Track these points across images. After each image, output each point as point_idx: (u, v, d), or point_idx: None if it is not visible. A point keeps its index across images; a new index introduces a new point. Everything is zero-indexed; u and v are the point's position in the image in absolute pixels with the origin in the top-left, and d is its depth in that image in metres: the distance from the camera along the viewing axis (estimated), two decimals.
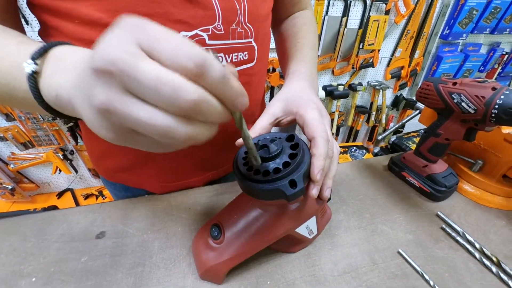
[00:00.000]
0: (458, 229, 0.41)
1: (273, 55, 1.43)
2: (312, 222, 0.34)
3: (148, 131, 0.17)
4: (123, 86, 0.16)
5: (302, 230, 0.34)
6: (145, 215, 0.45)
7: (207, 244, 0.34)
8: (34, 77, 0.22)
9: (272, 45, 0.62)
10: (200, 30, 0.34)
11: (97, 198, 1.68)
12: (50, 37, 0.35)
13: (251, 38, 0.39)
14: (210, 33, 0.34)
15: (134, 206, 0.46)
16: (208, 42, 0.35)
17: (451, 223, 0.42)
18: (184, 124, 0.17)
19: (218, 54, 0.37)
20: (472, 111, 0.38)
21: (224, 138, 0.47)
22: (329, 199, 0.41)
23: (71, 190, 1.72)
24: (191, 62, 0.15)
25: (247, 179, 0.27)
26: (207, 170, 0.51)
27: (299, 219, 0.33)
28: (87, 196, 1.69)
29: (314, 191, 0.28)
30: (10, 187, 1.52)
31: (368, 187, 0.51)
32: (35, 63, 0.22)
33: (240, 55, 0.39)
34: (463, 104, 0.39)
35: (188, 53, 0.15)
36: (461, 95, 0.39)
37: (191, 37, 0.34)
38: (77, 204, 1.65)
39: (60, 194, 1.69)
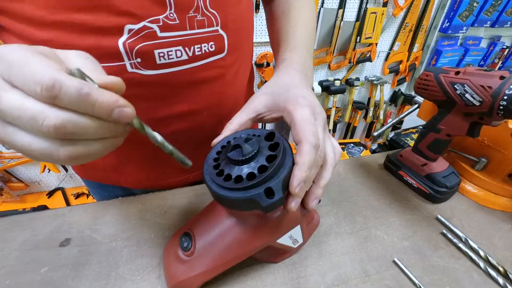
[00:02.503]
0: (460, 234, 0.37)
1: (267, 49, 1.38)
2: (296, 231, 0.30)
3: (33, 155, 0.17)
4: (1, 117, 0.17)
5: (284, 240, 0.30)
6: (116, 219, 0.41)
7: (177, 255, 0.30)
8: None
9: (266, 38, 0.56)
10: (148, 22, 0.29)
11: (88, 197, 1.64)
12: (3, 38, 0.32)
13: (217, 26, 0.34)
14: (161, 24, 0.30)
15: (106, 210, 0.42)
16: (160, 34, 0.30)
17: (452, 227, 0.38)
18: (62, 146, 0.17)
19: (176, 48, 0.32)
20: (477, 103, 0.34)
21: (201, 137, 0.42)
22: (319, 201, 0.37)
23: (62, 189, 1.68)
24: (39, 86, 0.15)
25: (217, 185, 0.23)
26: (187, 172, 0.47)
27: (280, 230, 0.29)
28: (78, 195, 1.65)
29: (292, 204, 0.23)
30: None
31: (362, 187, 0.47)
32: None
33: (205, 46, 0.34)
34: (466, 95, 0.35)
35: (35, 78, 0.16)
36: (465, 85, 0.34)
37: (139, 30, 0.29)
38: (67, 203, 1.61)
39: (50, 193, 1.65)
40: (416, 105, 0.52)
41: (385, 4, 1.40)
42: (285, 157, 0.23)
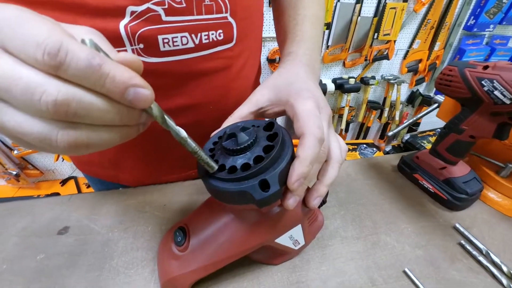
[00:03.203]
0: (481, 246, 0.33)
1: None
2: (297, 231, 0.28)
3: (26, 140, 0.15)
4: None
5: (284, 240, 0.28)
6: (114, 210, 0.40)
7: (170, 250, 0.28)
8: None
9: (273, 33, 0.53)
10: (153, 4, 0.27)
11: None
12: None
13: (226, 12, 0.32)
14: (166, 6, 0.28)
15: (105, 200, 0.42)
16: (164, 18, 0.28)
17: (472, 238, 0.35)
18: (62, 130, 0.14)
19: (182, 34, 0.30)
20: (508, 102, 0.30)
21: (204, 132, 0.41)
22: (324, 202, 0.35)
23: (75, 178, 1.73)
24: (40, 50, 0.13)
25: (210, 176, 0.22)
26: (187, 169, 0.46)
27: (279, 229, 0.26)
28: (89, 185, 1.68)
29: (290, 201, 0.21)
30: (14, 172, 1.53)
31: (372, 189, 0.44)
32: None
33: (212, 34, 0.32)
34: (495, 92, 0.31)
35: (36, 40, 0.13)
36: (494, 81, 0.31)
37: (142, 13, 0.27)
38: (79, 192, 1.65)
39: (64, 182, 1.70)
40: (436, 105, 0.48)
41: None
42: (283, 148, 0.21)
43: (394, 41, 1.46)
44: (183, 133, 0.19)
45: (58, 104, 0.13)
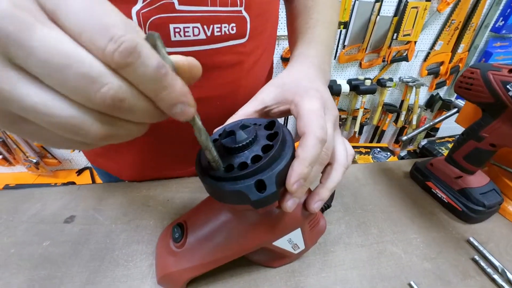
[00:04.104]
0: (496, 263, 0.31)
1: None
2: (296, 235, 0.27)
3: (44, 122, 0.13)
4: (8, 55, 0.11)
5: (283, 243, 0.27)
6: (119, 202, 0.41)
7: (168, 246, 0.28)
8: None
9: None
10: None
11: None
12: None
13: (241, 6, 0.32)
14: None
15: (112, 192, 0.43)
16: (178, 7, 0.28)
17: (487, 254, 0.32)
18: (100, 122, 0.13)
19: (194, 25, 0.29)
20: None
21: (209, 129, 0.40)
22: (329, 206, 0.34)
23: (90, 169, 1.79)
24: (113, 46, 0.11)
25: (206, 174, 0.21)
26: (189, 165, 0.46)
27: (277, 231, 0.26)
28: None
29: (289, 203, 0.21)
30: (34, 160, 1.60)
31: (381, 196, 0.42)
32: None
33: (225, 27, 0.31)
34: None
35: (112, 35, 0.11)
36: None
37: (155, 0, 0.27)
38: (93, 182, 1.71)
39: (79, 172, 1.76)
40: (455, 109, 0.46)
41: None
42: (283, 148, 0.20)
43: (415, 42, 1.40)
44: (209, 142, 0.19)
45: (115, 99, 0.12)
